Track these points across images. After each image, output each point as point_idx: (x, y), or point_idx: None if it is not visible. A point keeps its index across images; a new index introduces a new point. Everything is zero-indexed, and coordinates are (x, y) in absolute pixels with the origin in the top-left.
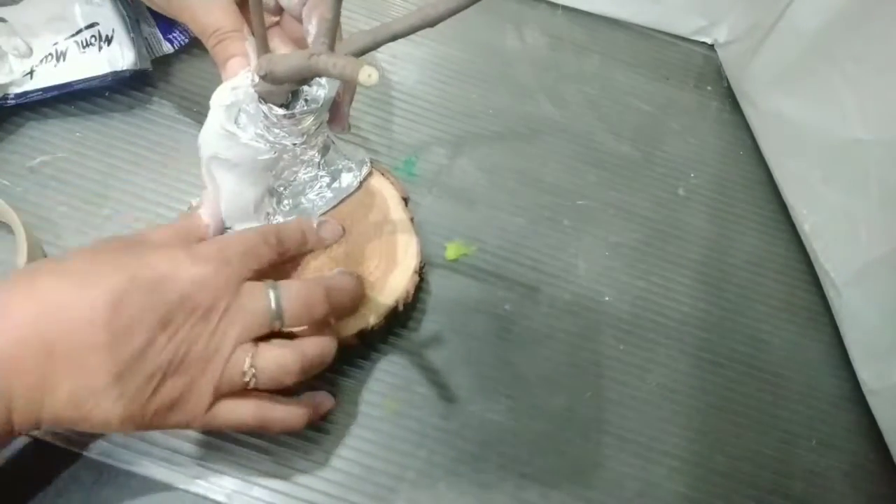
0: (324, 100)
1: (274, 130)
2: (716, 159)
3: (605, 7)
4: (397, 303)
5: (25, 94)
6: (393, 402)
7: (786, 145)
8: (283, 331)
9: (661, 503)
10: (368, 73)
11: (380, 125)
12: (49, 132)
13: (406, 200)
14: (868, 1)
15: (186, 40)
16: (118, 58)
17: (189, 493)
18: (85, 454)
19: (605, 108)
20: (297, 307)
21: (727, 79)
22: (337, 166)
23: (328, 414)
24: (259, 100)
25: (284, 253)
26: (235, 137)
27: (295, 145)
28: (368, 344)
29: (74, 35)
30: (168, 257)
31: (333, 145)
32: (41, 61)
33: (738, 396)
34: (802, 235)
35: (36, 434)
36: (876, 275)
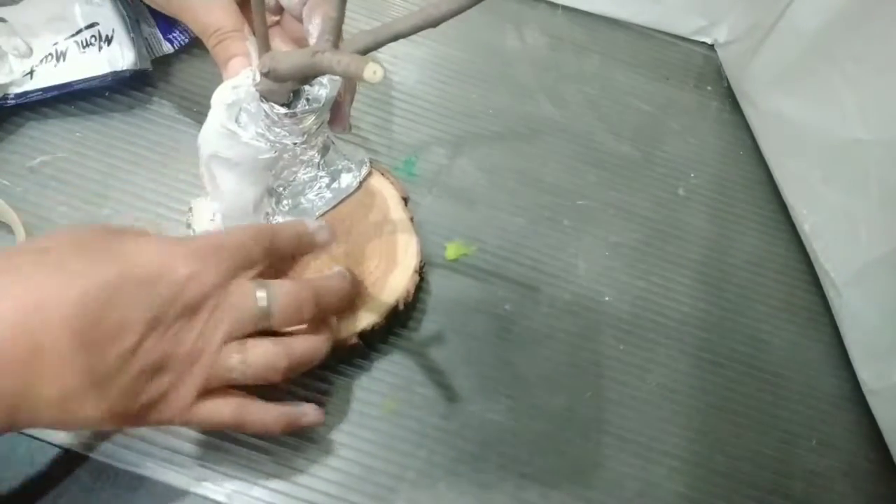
0: (325, 99)
1: (275, 129)
2: (716, 159)
3: (605, 7)
4: (397, 302)
5: (25, 94)
6: (392, 402)
7: (786, 145)
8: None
9: (661, 503)
10: (374, 70)
11: (380, 125)
12: (49, 132)
13: (406, 200)
14: (868, 1)
15: (186, 40)
16: (118, 58)
17: (189, 493)
18: (85, 454)
19: (605, 108)
20: (287, 308)
21: (727, 79)
22: (336, 166)
23: (312, 426)
24: (260, 98)
25: (276, 255)
26: (236, 136)
27: (295, 145)
28: (368, 344)
29: (74, 35)
30: (158, 252)
31: (333, 145)
32: (41, 61)
33: (738, 396)
34: (802, 235)
35: (36, 434)
36: (876, 275)
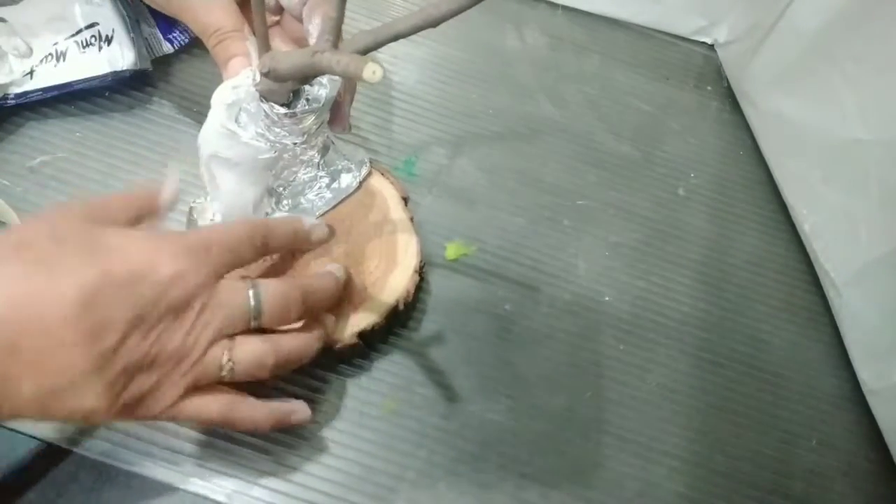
0: (325, 99)
1: (274, 129)
2: (716, 159)
3: (605, 7)
4: (397, 302)
5: (25, 94)
6: (392, 402)
7: (786, 145)
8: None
9: (661, 503)
10: (373, 70)
11: (380, 125)
12: (49, 132)
13: (406, 200)
14: (868, 1)
15: (186, 40)
16: (118, 58)
17: (189, 493)
18: (85, 454)
19: (605, 108)
20: (275, 307)
21: (727, 79)
22: (336, 167)
23: (300, 424)
24: (260, 98)
25: (271, 252)
26: (236, 136)
27: (295, 145)
28: (368, 344)
29: (74, 35)
30: (142, 250)
31: (333, 146)
32: (41, 61)
33: (738, 396)
34: (802, 235)
35: (36, 434)
36: (876, 275)
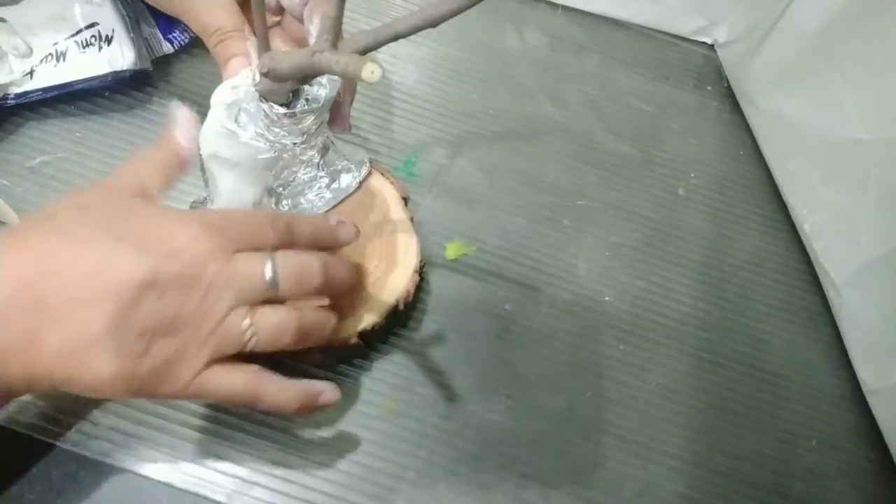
0: (325, 99)
1: (274, 129)
2: (716, 159)
3: (605, 7)
4: (397, 302)
5: (25, 94)
6: (392, 402)
7: (786, 145)
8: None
9: (661, 503)
10: (371, 70)
11: (380, 125)
12: (49, 132)
13: (406, 200)
14: (868, 1)
15: (186, 40)
16: (118, 58)
17: (189, 493)
18: (85, 454)
19: (605, 108)
20: (293, 275)
21: (727, 79)
22: (336, 167)
23: (327, 407)
24: (260, 98)
25: (290, 243)
26: (235, 136)
27: (295, 145)
28: (368, 344)
29: (74, 35)
30: (163, 219)
31: (333, 146)
32: (41, 61)
33: (738, 396)
34: (802, 235)
35: (38, 435)
36: (876, 275)
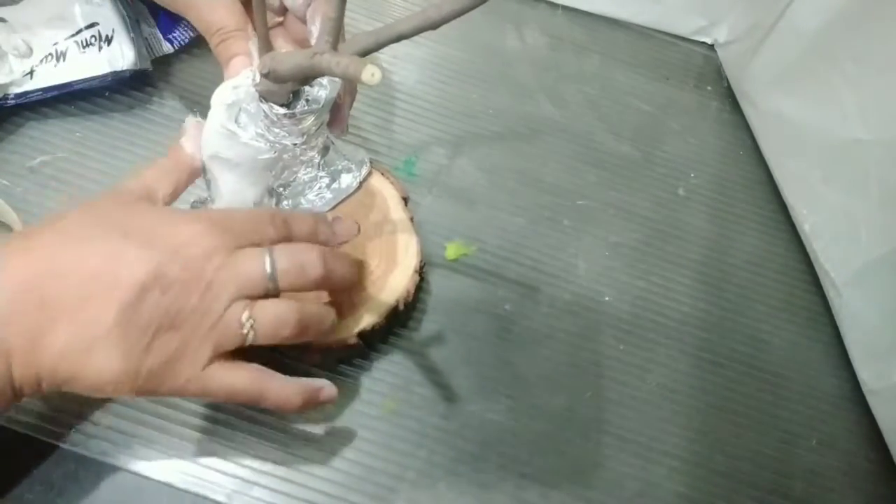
0: (325, 100)
1: (274, 130)
2: (716, 159)
3: (605, 7)
4: (397, 302)
5: (25, 94)
6: (392, 402)
7: (786, 145)
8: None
9: (661, 503)
10: (371, 73)
11: (380, 125)
12: (49, 132)
13: (406, 200)
14: (868, 1)
15: (186, 40)
16: (118, 58)
17: (189, 493)
18: (85, 454)
19: (605, 108)
20: (292, 268)
21: (727, 79)
22: (336, 167)
23: (327, 403)
24: (260, 99)
25: (290, 238)
26: (235, 136)
27: (295, 145)
28: (368, 344)
29: (74, 35)
30: (167, 219)
31: (333, 146)
32: (41, 61)
33: (738, 396)
34: (802, 235)
35: (38, 435)
36: (876, 275)
